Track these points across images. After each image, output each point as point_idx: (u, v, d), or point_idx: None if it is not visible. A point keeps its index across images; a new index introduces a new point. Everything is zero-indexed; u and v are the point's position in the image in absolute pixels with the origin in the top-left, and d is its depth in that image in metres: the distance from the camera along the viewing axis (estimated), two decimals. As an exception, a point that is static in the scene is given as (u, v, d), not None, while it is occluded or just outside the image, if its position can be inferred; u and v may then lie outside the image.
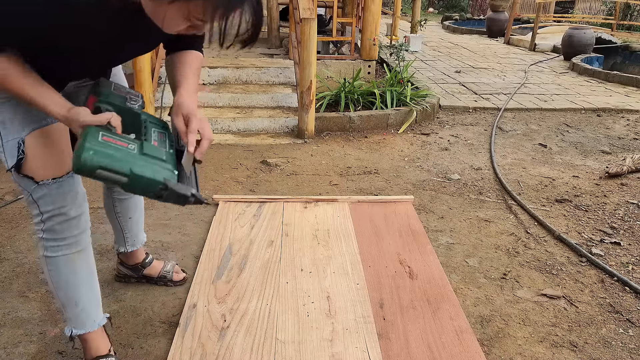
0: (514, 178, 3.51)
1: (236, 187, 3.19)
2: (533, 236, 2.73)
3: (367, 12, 5.01)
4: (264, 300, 2.06)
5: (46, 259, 1.53)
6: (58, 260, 1.53)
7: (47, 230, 1.50)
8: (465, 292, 2.23)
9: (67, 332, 1.64)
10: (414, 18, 8.92)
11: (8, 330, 1.89)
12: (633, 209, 3.08)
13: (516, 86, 6.16)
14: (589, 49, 8.13)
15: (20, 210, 2.78)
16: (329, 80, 5.12)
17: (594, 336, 1.99)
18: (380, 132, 4.38)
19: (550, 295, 2.22)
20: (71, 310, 1.60)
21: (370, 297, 2.10)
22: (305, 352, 1.79)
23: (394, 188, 3.26)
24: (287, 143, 4.04)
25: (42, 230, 1.50)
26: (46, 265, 1.54)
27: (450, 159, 3.84)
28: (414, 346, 1.85)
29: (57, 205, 1.47)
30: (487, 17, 11.87)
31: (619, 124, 4.91)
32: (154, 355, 1.80)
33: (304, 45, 3.87)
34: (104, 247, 2.45)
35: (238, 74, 4.80)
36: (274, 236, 2.55)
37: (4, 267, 2.27)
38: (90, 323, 1.64)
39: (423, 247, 2.50)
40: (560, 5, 16.13)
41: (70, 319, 1.62)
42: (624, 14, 13.53)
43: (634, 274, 2.41)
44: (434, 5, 18.68)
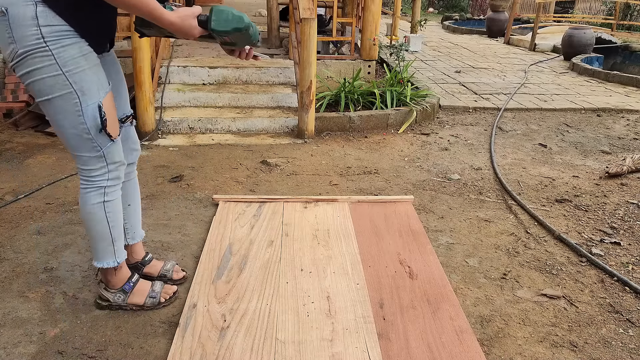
0: (514, 178, 3.51)
1: (236, 187, 3.19)
2: (533, 236, 2.73)
3: (367, 12, 5.01)
4: (264, 300, 2.06)
5: (105, 204, 1.84)
6: (116, 202, 1.88)
7: (112, 178, 1.84)
8: (465, 292, 2.23)
9: (111, 264, 1.93)
10: (414, 18, 8.92)
11: (8, 330, 1.89)
12: (633, 209, 3.08)
13: (516, 86, 6.16)
14: (589, 49, 8.13)
15: (20, 210, 2.79)
16: (329, 80, 5.12)
17: (594, 336, 1.99)
18: (380, 132, 4.38)
19: (550, 295, 2.22)
20: (119, 244, 1.94)
21: (370, 297, 2.10)
22: (305, 352, 1.79)
23: (394, 188, 3.26)
24: (287, 143, 4.04)
25: (107, 179, 1.83)
26: (105, 209, 1.85)
27: (450, 159, 3.84)
28: (414, 346, 1.85)
29: (120, 157, 1.84)
30: (487, 17, 11.87)
31: (619, 124, 4.91)
32: (154, 355, 1.80)
33: (304, 45, 3.87)
34: (104, 247, 2.45)
35: (238, 74, 4.80)
36: (274, 236, 2.55)
37: (4, 267, 2.27)
38: (123, 253, 1.97)
39: (423, 247, 2.50)
40: (560, 5, 16.13)
41: (116, 252, 1.93)
42: (624, 14, 13.53)
43: (634, 274, 2.41)
44: (434, 5, 18.68)
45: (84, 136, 1.72)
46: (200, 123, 4.18)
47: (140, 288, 2.04)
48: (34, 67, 1.58)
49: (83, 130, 1.70)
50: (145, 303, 2.02)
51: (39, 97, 1.66)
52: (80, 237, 2.53)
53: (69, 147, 1.78)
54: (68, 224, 2.66)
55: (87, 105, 1.67)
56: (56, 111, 1.67)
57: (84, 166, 1.81)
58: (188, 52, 5.31)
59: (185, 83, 4.69)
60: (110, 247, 1.91)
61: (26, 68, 1.59)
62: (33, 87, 1.64)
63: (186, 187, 3.15)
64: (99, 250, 1.92)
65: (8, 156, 3.55)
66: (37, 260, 2.33)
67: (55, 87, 1.62)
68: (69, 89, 1.63)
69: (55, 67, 1.59)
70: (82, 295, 2.10)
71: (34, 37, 1.54)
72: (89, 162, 1.80)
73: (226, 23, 1.67)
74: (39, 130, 4.06)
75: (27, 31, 1.53)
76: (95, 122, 1.70)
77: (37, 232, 2.57)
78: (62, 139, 1.77)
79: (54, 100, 1.65)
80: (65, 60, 1.60)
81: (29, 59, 1.57)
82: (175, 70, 4.67)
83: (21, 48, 1.55)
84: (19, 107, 4.26)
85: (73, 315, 1.98)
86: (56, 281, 2.19)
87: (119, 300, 2.00)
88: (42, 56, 1.57)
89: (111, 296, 1.99)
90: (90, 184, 1.83)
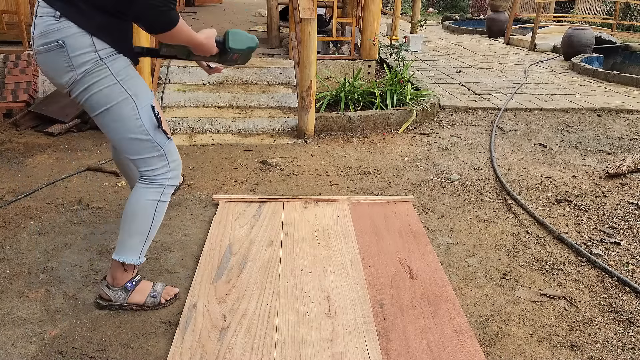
0: (514, 178, 3.51)
1: (236, 187, 3.19)
2: (533, 236, 2.73)
3: (367, 12, 5.01)
4: (264, 300, 2.06)
5: (159, 204, 1.95)
6: (165, 206, 1.99)
7: (173, 178, 1.96)
8: (465, 292, 2.23)
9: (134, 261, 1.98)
10: (414, 18, 8.91)
11: (8, 330, 1.89)
12: (633, 209, 3.08)
13: (516, 86, 6.16)
14: (589, 49, 8.12)
15: (20, 210, 2.79)
16: (329, 80, 5.12)
17: (594, 336, 1.99)
18: (380, 132, 4.38)
19: (550, 295, 2.22)
20: (147, 246, 2.01)
21: (370, 297, 2.10)
22: (305, 352, 1.79)
23: (394, 188, 3.26)
24: (287, 143, 4.04)
25: (169, 178, 1.95)
26: (156, 208, 1.94)
27: (450, 159, 3.84)
28: (414, 346, 1.85)
29: (178, 155, 1.97)
30: (487, 17, 11.86)
31: (619, 124, 4.91)
32: (154, 355, 1.80)
33: (304, 45, 3.87)
34: (104, 247, 2.45)
35: (238, 73, 4.80)
36: (274, 236, 2.55)
37: (4, 267, 2.27)
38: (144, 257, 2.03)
39: (423, 247, 2.50)
40: (560, 5, 16.13)
41: (142, 252, 2.00)
42: (624, 14, 13.53)
43: (634, 274, 2.41)
44: (434, 5, 18.68)
45: (144, 137, 1.85)
46: (200, 123, 4.18)
47: (141, 287, 2.05)
48: (92, 82, 1.76)
49: (142, 131, 1.84)
50: (145, 302, 2.03)
51: (98, 109, 1.81)
52: (80, 237, 2.53)
53: (131, 152, 1.89)
54: (68, 224, 2.66)
55: (142, 107, 1.84)
56: (115, 119, 1.82)
57: (147, 167, 1.92)
58: (188, 52, 5.31)
59: (185, 83, 4.69)
60: (141, 245, 1.99)
61: (84, 85, 1.76)
62: (92, 101, 1.80)
63: (186, 187, 3.15)
64: (129, 245, 1.97)
65: (8, 156, 3.55)
66: (37, 260, 2.33)
67: (113, 96, 1.79)
68: (125, 95, 1.80)
69: (112, 78, 1.78)
70: (82, 295, 2.10)
71: (93, 60, 1.74)
72: (151, 163, 1.91)
73: (242, 43, 2.03)
74: (39, 130, 4.06)
75: (86, 57, 1.73)
76: (152, 121, 1.85)
77: (37, 232, 2.57)
78: (121, 147, 1.89)
79: (112, 109, 1.80)
80: (117, 70, 1.79)
81: (87, 76, 1.75)
82: (175, 70, 4.67)
83: (80, 73, 1.74)
84: (19, 107, 4.26)
85: (73, 315, 1.98)
86: (56, 281, 2.19)
87: (120, 299, 2.01)
88: (99, 71, 1.76)
89: (113, 294, 2.01)
90: (152, 181, 1.94)
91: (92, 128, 4.14)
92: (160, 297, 2.06)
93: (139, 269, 2.14)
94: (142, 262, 2.02)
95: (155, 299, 2.05)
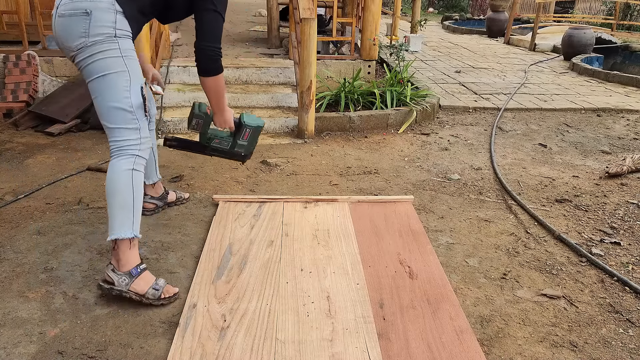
0: (514, 178, 3.51)
1: (236, 187, 3.19)
2: (533, 236, 2.73)
3: (367, 12, 5.01)
4: (264, 300, 2.06)
5: (133, 173, 2.06)
6: (141, 176, 2.10)
7: (142, 150, 2.10)
8: (465, 292, 2.23)
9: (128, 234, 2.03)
10: (414, 18, 8.92)
11: (8, 330, 1.89)
12: (633, 209, 3.08)
13: (516, 86, 6.16)
14: (589, 49, 8.13)
15: (20, 210, 2.79)
16: (329, 80, 5.12)
17: (594, 336, 1.99)
18: (380, 132, 4.38)
19: (550, 295, 2.22)
20: (137, 217, 2.07)
21: (370, 297, 2.10)
22: (305, 352, 1.79)
23: (394, 188, 3.26)
24: (287, 143, 4.04)
25: (139, 150, 2.09)
26: (132, 179, 2.05)
27: (450, 159, 3.84)
28: (414, 346, 1.85)
29: (147, 132, 2.13)
30: (487, 17, 11.87)
31: (619, 124, 4.91)
32: (154, 355, 1.80)
33: (304, 45, 3.87)
34: (104, 247, 2.45)
35: (238, 74, 4.80)
36: (274, 236, 2.55)
37: (4, 267, 2.27)
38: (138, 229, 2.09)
39: (423, 247, 2.50)
40: (560, 5, 16.13)
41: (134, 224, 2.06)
42: (624, 14, 13.53)
43: (634, 274, 2.41)
44: (434, 5, 18.68)
45: (127, 109, 2.03)
46: (200, 123, 4.17)
47: (145, 277, 2.07)
48: (100, 50, 1.95)
49: (127, 104, 2.02)
50: (147, 293, 2.05)
51: (96, 74, 1.98)
52: (80, 237, 2.53)
53: (111, 121, 2.04)
54: (68, 224, 2.66)
55: (134, 85, 2.04)
56: (109, 86, 1.99)
57: (121, 137, 2.06)
58: (188, 52, 5.31)
59: (185, 83, 4.69)
60: (129, 217, 2.04)
61: (91, 52, 1.95)
62: (94, 66, 1.97)
63: (186, 187, 3.15)
64: (118, 220, 2.03)
65: (8, 156, 3.55)
66: (37, 260, 2.33)
67: (114, 66, 1.98)
68: (124, 69, 2.01)
69: (118, 52, 1.98)
70: (82, 295, 2.10)
71: (108, 34, 1.95)
72: (126, 134, 2.06)
73: (253, 121, 2.43)
74: (39, 130, 4.06)
75: (103, 30, 1.94)
76: (138, 98, 2.05)
77: (37, 232, 2.57)
78: (103, 114, 2.04)
79: (109, 76, 1.98)
80: (124, 48, 2.00)
81: (97, 44, 1.94)
82: (175, 70, 4.67)
83: (91, 41, 1.93)
84: (19, 107, 4.26)
85: (73, 315, 1.98)
86: (56, 281, 2.19)
87: (123, 284, 2.02)
88: (110, 43, 1.96)
89: (117, 278, 2.03)
90: (123, 151, 2.07)
91: (92, 128, 4.14)
92: (161, 291, 2.07)
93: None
94: (139, 237, 2.07)
95: (157, 292, 2.06)
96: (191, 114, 2.35)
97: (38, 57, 4.54)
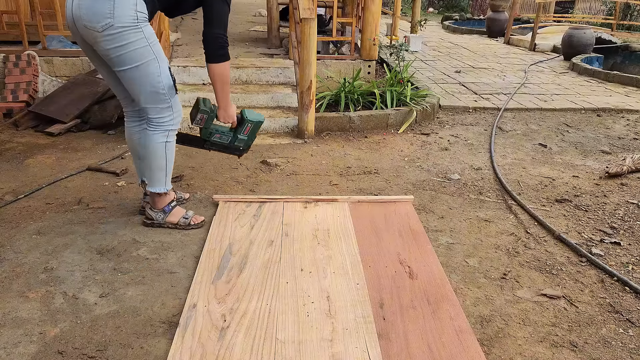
0: (514, 178, 3.51)
1: (236, 187, 3.19)
2: (533, 236, 2.73)
3: (367, 12, 5.01)
4: (264, 300, 2.06)
5: (167, 144, 2.46)
6: (173, 144, 2.49)
7: (175, 123, 2.45)
8: (465, 292, 2.23)
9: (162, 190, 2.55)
10: (414, 18, 8.91)
11: (8, 330, 1.89)
12: (633, 209, 3.08)
13: (516, 86, 6.15)
14: (589, 49, 8.12)
15: (20, 210, 2.79)
16: (329, 80, 5.12)
17: (594, 336, 1.99)
18: (380, 132, 4.38)
19: (550, 295, 2.22)
20: (169, 176, 2.56)
21: (370, 297, 2.10)
22: (305, 352, 1.79)
23: (394, 188, 3.26)
24: (287, 143, 4.04)
25: (172, 124, 2.43)
26: (165, 149, 2.46)
27: (450, 159, 3.84)
28: (414, 346, 1.85)
29: (179, 106, 2.45)
30: (487, 17, 11.86)
31: (619, 124, 4.91)
32: (154, 355, 1.80)
33: (304, 45, 3.87)
34: (104, 247, 2.45)
35: (238, 74, 4.80)
36: (274, 236, 2.55)
37: (4, 267, 2.27)
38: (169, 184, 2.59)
39: (423, 247, 2.50)
40: (560, 5, 16.13)
41: (166, 182, 2.55)
42: (624, 14, 13.52)
43: (634, 274, 2.41)
44: (434, 5, 18.68)
45: (160, 91, 2.32)
46: (200, 123, 4.17)
47: (176, 211, 2.61)
48: (129, 40, 2.14)
49: (160, 87, 2.30)
50: (179, 222, 2.60)
51: (128, 65, 2.20)
52: (80, 237, 2.54)
53: (147, 101, 2.33)
54: (68, 224, 2.66)
55: (163, 68, 2.29)
56: (142, 74, 2.25)
57: (157, 115, 2.39)
58: (188, 52, 5.31)
59: (185, 83, 4.69)
60: (163, 177, 2.52)
61: (120, 42, 2.14)
62: (124, 58, 2.18)
63: (186, 187, 3.15)
64: (154, 179, 2.52)
65: (8, 156, 3.55)
66: (37, 260, 2.33)
67: (144, 56, 2.21)
68: (153, 56, 2.24)
69: (144, 41, 2.19)
70: (82, 295, 2.11)
71: (131, 18, 2.12)
72: (161, 112, 2.38)
73: (256, 117, 2.60)
74: (39, 130, 4.06)
75: (127, 12, 2.10)
76: (168, 80, 2.32)
77: (37, 232, 2.57)
78: (142, 96, 2.32)
79: (141, 67, 2.23)
80: (148, 34, 2.21)
81: (125, 33, 2.12)
82: (175, 71, 4.67)
83: (118, 24, 2.10)
84: (19, 107, 4.26)
85: (73, 315, 1.98)
86: (56, 281, 2.19)
87: (160, 218, 2.59)
88: (136, 32, 2.15)
89: (154, 215, 2.59)
90: (159, 127, 2.41)
91: (92, 128, 4.14)
92: (190, 219, 2.61)
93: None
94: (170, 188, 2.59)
95: (187, 220, 2.60)
96: (195, 110, 2.46)
97: (38, 57, 4.55)
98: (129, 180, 3.20)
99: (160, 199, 2.57)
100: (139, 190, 2.94)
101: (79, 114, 4.12)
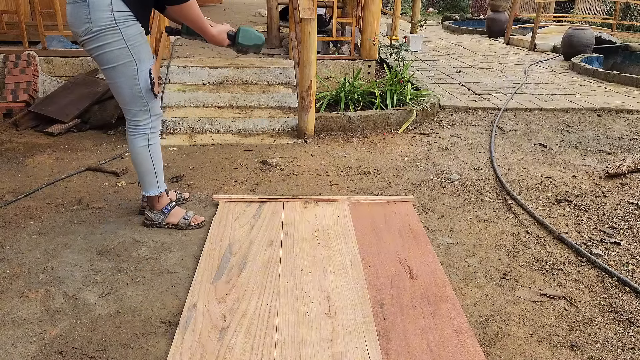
0: (514, 178, 3.51)
1: (236, 187, 3.19)
2: (533, 236, 2.73)
3: (367, 12, 5.01)
4: (264, 300, 2.06)
5: (150, 147, 2.45)
6: (157, 146, 2.49)
7: (153, 127, 2.45)
8: (465, 292, 2.23)
9: (156, 193, 2.55)
10: (414, 18, 8.91)
11: (8, 330, 1.89)
12: (633, 209, 3.08)
13: (516, 86, 6.16)
14: (589, 49, 8.12)
15: (20, 210, 2.79)
16: (329, 80, 5.12)
17: (594, 336, 1.99)
18: (380, 132, 4.38)
19: (550, 295, 2.22)
20: (160, 178, 2.54)
21: (370, 297, 2.10)
22: (305, 352, 1.79)
23: (394, 188, 3.26)
24: (287, 143, 4.04)
25: (150, 127, 2.43)
26: (149, 152, 2.45)
27: (450, 159, 3.84)
28: (414, 346, 1.85)
29: (158, 110, 2.45)
30: (487, 17, 11.86)
31: (619, 124, 4.91)
32: (154, 355, 1.80)
33: (304, 45, 3.87)
34: (104, 247, 2.45)
35: (238, 74, 4.80)
36: (274, 236, 2.55)
37: (4, 267, 2.27)
38: (163, 185, 2.58)
39: (423, 247, 2.50)
40: (560, 5, 16.13)
41: (158, 184, 2.54)
42: (624, 14, 13.52)
43: (634, 274, 2.41)
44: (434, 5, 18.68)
45: (137, 94, 2.31)
46: (200, 123, 4.18)
47: (175, 212, 2.62)
48: (106, 42, 2.14)
49: (137, 89, 2.29)
50: (179, 222, 2.60)
51: (106, 65, 2.22)
52: (80, 237, 2.54)
53: (124, 102, 2.35)
54: (68, 224, 2.66)
55: (142, 71, 2.27)
56: (118, 75, 2.25)
57: (133, 118, 2.39)
58: (188, 52, 5.31)
59: (185, 83, 4.69)
60: (154, 180, 2.52)
61: (98, 42, 2.15)
62: (102, 58, 2.20)
63: (186, 187, 3.15)
64: (146, 182, 2.52)
65: (8, 156, 3.55)
66: (37, 260, 2.33)
67: (120, 57, 2.20)
68: (130, 59, 2.21)
69: (122, 42, 2.17)
70: (82, 295, 2.11)
71: (108, 19, 2.10)
72: (137, 115, 2.38)
73: (250, 40, 2.42)
74: (39, 130, 4.06)
75: (103, 14, 2.09)
76: (146, 83, 2.30)
77: (37, 232, 2.57)
78: (119, 97, 2.34)
79: (118, 67, 2.22)
80: (128, 36, 2.17)
81: (101, 35, 2.12)
82: (175, 70, 4.67)
83: (95, 27, 2.11)
84: (19, 107, 4.26)
85: (73, 315, 1.98)
86: (56, 281, 2.19)
87: (159, 219, 2.59)
88: (113, 33, 2.13)
89: (154, 216, 2.59)
90: (137, 131, 2.42)
91: (92, 128, 4.14)
92: (190, 220, 2.61)
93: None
94: (164, 189, 2.58)
95: (187, 220, 2.60)
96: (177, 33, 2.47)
97: (38, 57, 4.54)
98: (129, 180, 3.20)
99: (157, 201, 2.58)
100: (138, 190, 2.94)
101: (79, 114, 4.12)
